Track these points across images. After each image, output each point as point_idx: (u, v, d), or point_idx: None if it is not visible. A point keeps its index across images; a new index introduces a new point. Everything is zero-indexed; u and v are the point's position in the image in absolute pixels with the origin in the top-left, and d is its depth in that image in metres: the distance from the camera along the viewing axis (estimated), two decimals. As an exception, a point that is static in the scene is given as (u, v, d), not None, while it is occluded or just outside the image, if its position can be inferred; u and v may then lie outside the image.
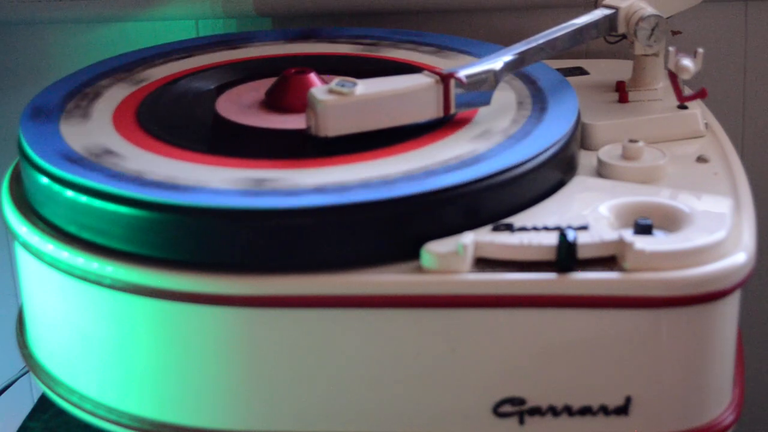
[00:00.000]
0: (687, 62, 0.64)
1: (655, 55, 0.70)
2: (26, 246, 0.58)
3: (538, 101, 0.65)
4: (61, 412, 0.60)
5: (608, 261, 0.53)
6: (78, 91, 0.68)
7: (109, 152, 0.59)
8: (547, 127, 0.60)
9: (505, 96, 0.65)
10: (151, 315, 0.54)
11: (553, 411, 0.54)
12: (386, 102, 0.59)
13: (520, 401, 0.54)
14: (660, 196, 0.57)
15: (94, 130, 0.62)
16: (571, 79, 0.72)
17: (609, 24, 0.67)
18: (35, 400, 0.70)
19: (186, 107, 0.66)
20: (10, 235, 0.61)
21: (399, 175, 0.55)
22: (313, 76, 0.65)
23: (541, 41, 0.65)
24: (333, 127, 0.58)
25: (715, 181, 0.61)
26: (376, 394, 0.54)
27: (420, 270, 0.52)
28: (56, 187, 0.56)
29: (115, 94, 0.67)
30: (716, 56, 0.84)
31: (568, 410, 0.54)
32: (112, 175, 0.56)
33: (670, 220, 0.56)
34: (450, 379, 0.54)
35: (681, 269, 0.52)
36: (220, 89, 0.69)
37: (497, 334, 0.53)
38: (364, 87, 0.59)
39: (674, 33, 0.70)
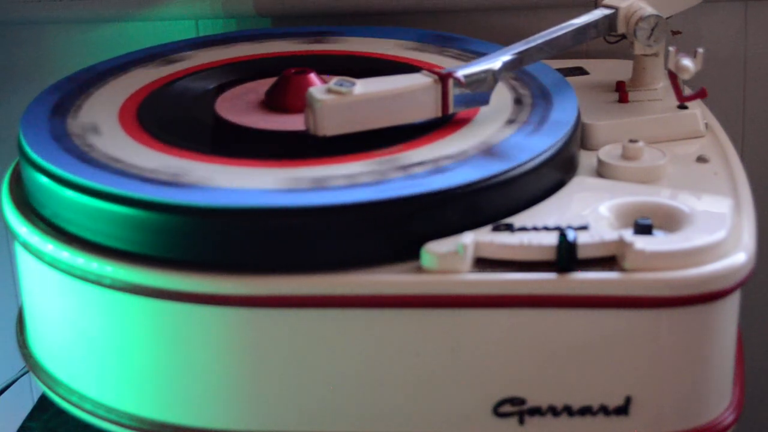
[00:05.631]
0: (687, 62, 0.64)
1: (655, 55, 0.70)
2: (26, 246, 0.58)
3: (538, 101, 0.64)
4: (61, 412, 0.60)
5: (608, 261, 0.53)
6: (78, 91, 0.68)
7: (109, 152, 0.59)
8: (547, 127, 0.60)
9: (504, 96, 0.65)
10: (151, 315, 0.54)
11: (553, 411, 0.54)
12: (385, 102, 0.59)
13: (520, 401, 0.54)
14: (660, 196, 0.57)
15: (95, 130, 0.62)
16: (571, 79, 0.72)
17: (609, 24, 0.67)
18: (35, 400, 0.71)
19: (186, 107, 0.66)
20: (10, 235, 0.61)
21: (399, 175, 0.55)
22: (313, 76, 0.65)
23: (540, 41, 0.65)
24: (331, 126, 0.58)
25: (715, 181, 0.61)
26: (376, 394, 0.54)
27: (420, 270, 0.52)
28: (56, 187, 0.56)
29: (116, 94, 0.67)
30: (716, 56, 0.84)
31: (568, 410, 0.54)
32: (113, 175, 0.56)
33: (670, 220, 0.56)
34: (450, 379, 0.54)
35: (681, 269, 0.52)
36: (220, 89, 0.69)
37: (497, 334, 0.53)
38: (362, 86, 0.59)
39: (674, 33, 0.70)
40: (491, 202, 0.55)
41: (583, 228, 0.54)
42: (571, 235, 0.52)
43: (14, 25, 0.90)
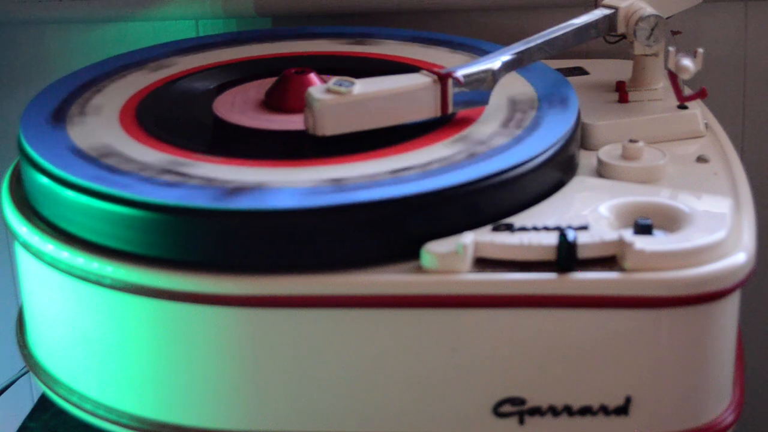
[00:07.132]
0: (687, 62, 0.64)
1: (655, 55, 0.70)
2: (26, 246, 0.58)
3: (538, 101, 0.64)
4: (61, 412, 0.60)
5: (608, 261, 0.53)
6: (78, 91, 0.68)
7: (109, 152, 0.59)
8: (547, 127, 0.60)
9: (504, 95, 0.65)
10: (151, 315, 0.54)
11: (553, 411, 0.54)
12: (384, 101, 0.59)
13: (520, 401, 0.54)
14: (660, 196, 0.57)
15: (94, 129, 0.62)
16: (571, 79, 0.72)
17: (608, 24, 0.67)
18: (35, 400, 0.71)
19: (186, 107, 0.66)
20: (10, 235, 0.61)
21: (398, 174, 0.55)
22: (313, 76, 0.65)
23: (540, 41, 0.65)
24: (331, 126, 0.58)
25: (715, 181, 0.61)
26: (376, 394, 0.54)
27: (420, 270, 0.52)
28: (56, 187, 0.56)
29: (116, 94, 0.67)
30: (716, 56, 0.84)
31: (568, 410, 0.54)
32: (113, 175, 0.56)
33: (670, 220, 0.56)
34: (450, 379, 0.54)
35: (681, 269, 0.52)
36: (220, 89, 0.69)
37: (497, 334, 0.53)
38: (361, 86, 0.59)
39: (674, 33, 0.70)
40: (491, 202, 0.55)
41: (583, 228, 0.54)
42: (571, 235, 0.52)
43: (14, 25, 0.90)
